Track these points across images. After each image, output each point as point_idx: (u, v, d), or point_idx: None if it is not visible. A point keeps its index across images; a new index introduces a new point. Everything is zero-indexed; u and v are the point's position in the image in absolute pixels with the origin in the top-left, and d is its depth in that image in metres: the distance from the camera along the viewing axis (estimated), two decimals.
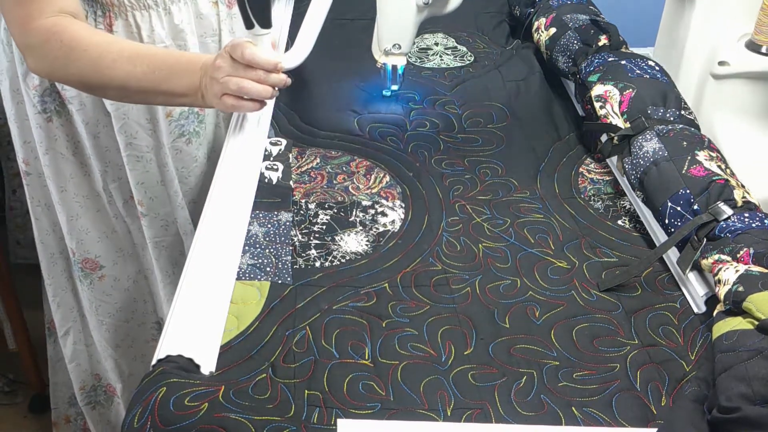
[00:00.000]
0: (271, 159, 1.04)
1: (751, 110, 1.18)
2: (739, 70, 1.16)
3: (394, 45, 1.11)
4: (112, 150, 1.19)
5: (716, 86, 1.16)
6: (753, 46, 1.16)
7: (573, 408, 0.70)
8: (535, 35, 1.33)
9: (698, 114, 1.12)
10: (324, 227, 0.92)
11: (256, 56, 0.93)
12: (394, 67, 1.15)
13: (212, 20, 1.17)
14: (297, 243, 0.89)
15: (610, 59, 1.10)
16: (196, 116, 1.18)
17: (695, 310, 0.81)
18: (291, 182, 1.00)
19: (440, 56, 1.36)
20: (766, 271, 0.73)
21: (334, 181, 1.01)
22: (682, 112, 1.00)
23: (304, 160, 1.05)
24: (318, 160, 1.05)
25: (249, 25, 0.94)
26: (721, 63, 1.14)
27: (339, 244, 0.89)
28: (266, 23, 0.94)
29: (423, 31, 1.43)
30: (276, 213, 0.93)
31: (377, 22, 1.11)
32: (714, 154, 0.90)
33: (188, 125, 1.18)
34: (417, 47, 1.39)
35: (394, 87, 1.20)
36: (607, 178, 1.04)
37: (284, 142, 1.08)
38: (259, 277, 0.83)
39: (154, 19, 1.10)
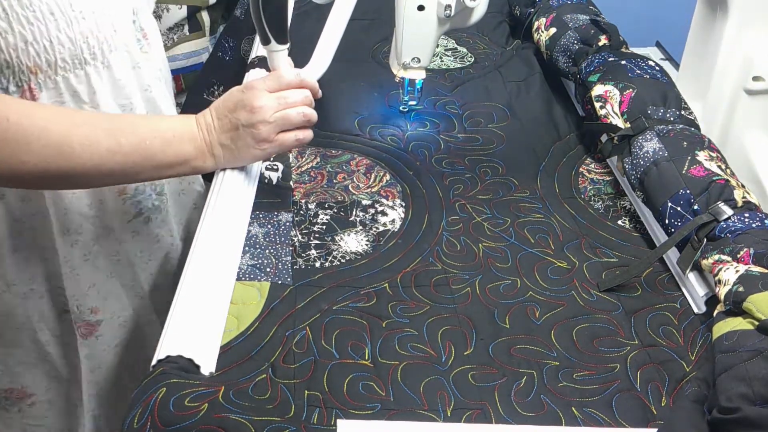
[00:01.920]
0: (271, 159, 1.04)
1: None
2: None
3: (413, 59, 1.07)
4: (49, 249, 0.94)
5: (749, 103, 1.08)
6: None
7: (573, 408, 0.70)
8: (535, 35, 1.33)
9: (729, 132, 1.08)
10: (324, 227, 0.92)
11: (282, 77, 0.88)
12: (412, 82, 1.12)
13: (141, 59, 0.97)
14: (297, 243, 0.89)
15: (610, 59, 1.10)
16: (153, 189, 1.00)
17: (695, 310, 0.81)
18: (291, 182, 1.00)
19: (440, 58, 1.36)
20: (766, 271, 0.73)
21: (334, 180, 1.01)
22: (682, 112, 1.00)
23: (304, 159, 1.05)
24: (318, 159, 1.05)
25: (265, 41, 0.89)
26: (755, 78, 1.08)
27: (339, 244, 0.89)
28: (283, 39, 0.90)
29: None
30: (276, 213, 0.93)
31: (395, 34, 1.07)
32: (714, 154, 0.90)
33: (146, 200, 0.99)
34: None
35: (412, 102, 1.16)
36: (607, 178, 1.04)
37: None
38: (259, 277, 0.83)
39: (94, 78, 0.88)
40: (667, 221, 0.87)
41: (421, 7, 1.02)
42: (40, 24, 0.80)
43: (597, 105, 1.05)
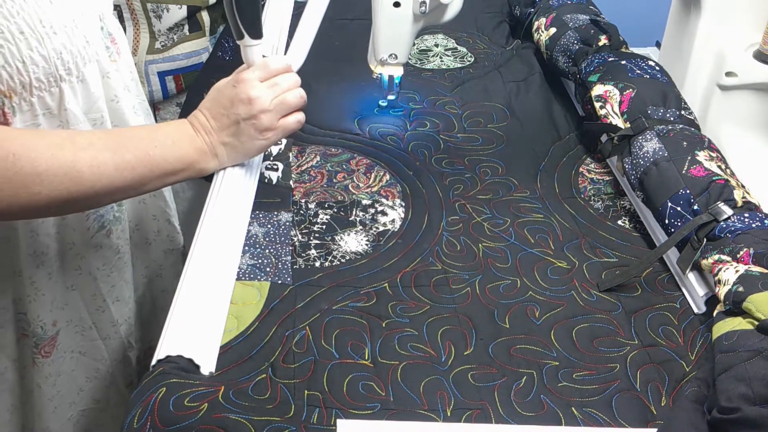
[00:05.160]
0: (271, 159, 1.04)
1: (759, 123, 1.12)
2: (747, 82, 1.10)
3: (390, 55, 1.08)
4: (16, 274, 0.91)
5: (723, 97, 1.10)
6: (762, 57, 1.12)
7: (573, 408, 0.70)
8: (535, 35, 1.33)
9: (703, 126, 1.08)
10: (324, 227, 0.92)
11: (269, 64, 0.89)
12: (391, 77, 1.13)
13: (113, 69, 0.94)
14: (297, 243, 0.89)
15: (610, 59, 1.10)
16: None
17: (695, 310, 0.81)
18: (291, 182, 1.00)
19: (440, 57, 1.36)
20: (766, 271, 0.73)
21: (334, 180, 1.01)
22: (682, 112, 1.00)
23: (304, 158, 1.05)
24: (318, 158, 1.05)
25: (239, 36, 0.90)
26: (728, 74, 1.09)
27: (339, 244, 0.89)
28: (257, 33, 0.90)
29: (423, 32, 1.43)
30: (276, 213, 0.93)
31: (372, 31, 1.08)
32: (714, 154, 0.90)
33: (107, 214, 0.97)
34: (417, 49, 1.39)
35: (391, 97, 1.17)
36: (607, 178, 1.04)
37: (284, 141, 1.08)
38: (258, 277, 0.83)
39: (68, 95, 0.84)
40: (667, 221, 0.87)
41: (396, 4, 1.03)
42: (10, 45, 0.77)
43: (597, 105, 1.05)
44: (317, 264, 0.86)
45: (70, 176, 0.76)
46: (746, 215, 0.81)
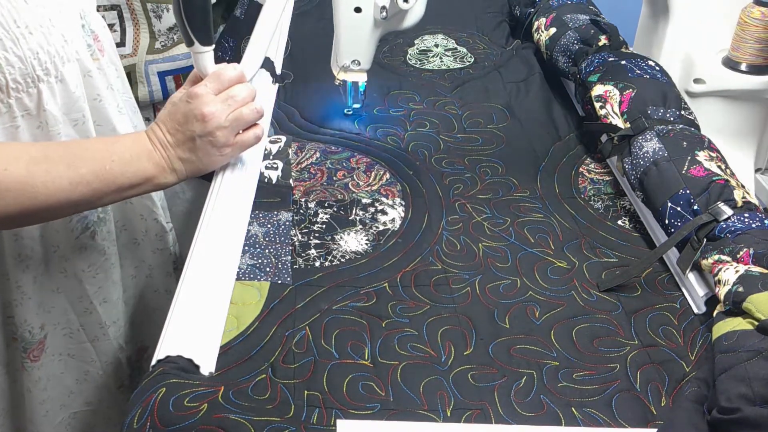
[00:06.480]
0: (271, 157, 1.04)
1: (727, 129, 1.12)
2: (715, 88, 1.10)
3: (353, 61, 1.07)
4: (2, 277, 0.91)
5: (691, 104, 1.08)
6: (730, 63, 1.13)
7: (573, 408, 0.70)
8: (535, 35, 1.33)
9: None
10: (324, 226, 0.92)
11: (223, 75, 0.87)
12: (355, 84, 1.11)
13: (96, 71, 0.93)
14: (297, 243, 0.89)
15: (610, 59, 1.10)
16: None
17: (695, 310, 0.81)
18: (291, 180, 1.00)
19: (440, 58, 1.36)
20: (766, 271, 0.73)
21: (334, 178, 1.01)
22: (682, 112, 1.00)
23: (303, 155, 1.05)
24: (318, 155, 1.05)
25: (189, 42, 0.88)
26: (696, 80, 1.09)
27: (339, 244, 0.89)
28: (207, 40, 0.88)
29: (422, 32, 1.43)
30: (276, 213, 0.93)
31: (335, 37, 1.07)
32: (714, 155, 0.90)
33: (91, 215, 0.95)
34: (417, 49, 1.39)
35: (356, 105, 1.15)
36: (607, 178, 1.04)
37: (283, 138, 1.08)
38: (258, 277, 0.83)
39: (46, 95, 0.83)
40: (667, 221, 0.87)
41: (358, 9, 1.02)
42: None
43: (597, 105, 1.05)
44: (317, 264, 0.86)
45: (23, 191, 0.75)
46: (746, 215, 0.81)
